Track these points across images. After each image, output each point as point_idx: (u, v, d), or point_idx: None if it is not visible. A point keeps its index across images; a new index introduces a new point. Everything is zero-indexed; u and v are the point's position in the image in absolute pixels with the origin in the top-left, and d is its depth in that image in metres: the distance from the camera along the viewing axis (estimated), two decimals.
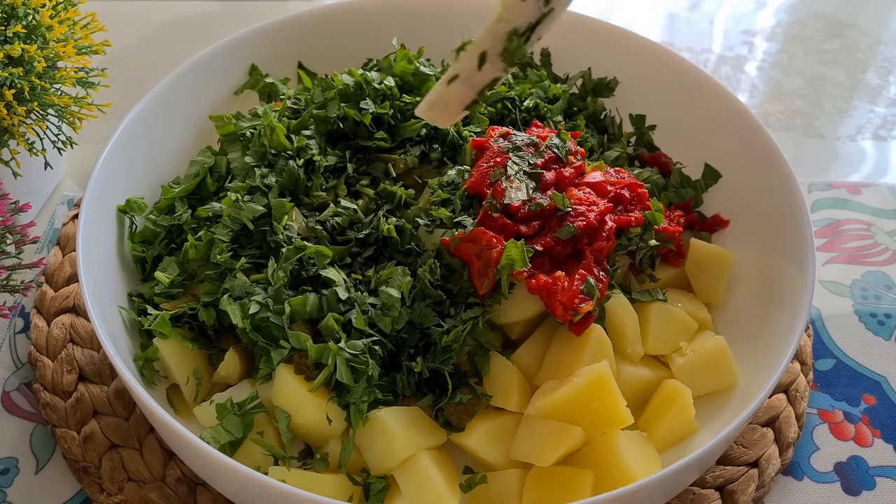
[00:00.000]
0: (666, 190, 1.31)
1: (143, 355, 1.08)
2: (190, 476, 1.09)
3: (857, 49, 1.86)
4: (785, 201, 1.17)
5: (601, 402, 1.00)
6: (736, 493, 1.09)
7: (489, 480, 1.03)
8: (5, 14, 1.19)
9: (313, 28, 1.42)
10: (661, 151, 1.36)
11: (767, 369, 1.03)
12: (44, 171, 1.30)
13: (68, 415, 1.13)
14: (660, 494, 0.99)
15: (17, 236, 1.15)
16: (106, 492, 1.07)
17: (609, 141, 1.37)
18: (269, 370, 1.04)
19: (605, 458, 1.00)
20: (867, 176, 1.57)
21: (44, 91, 1.20)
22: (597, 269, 1.07)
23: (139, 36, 1.78)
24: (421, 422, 1.03)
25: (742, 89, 1.76)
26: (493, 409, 1.07)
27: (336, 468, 1.02)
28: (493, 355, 1.07)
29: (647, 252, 1.17)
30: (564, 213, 1.08)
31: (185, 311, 1.09)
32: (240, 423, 1.01)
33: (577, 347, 1.05)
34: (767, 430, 1.15)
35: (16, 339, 1.24)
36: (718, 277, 1.21)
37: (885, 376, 1.24)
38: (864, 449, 1.16)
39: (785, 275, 1.13)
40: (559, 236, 1.07)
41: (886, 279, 1.36)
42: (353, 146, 1.22)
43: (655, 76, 1.35)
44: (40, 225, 1.39)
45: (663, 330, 1.13)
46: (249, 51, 1.38)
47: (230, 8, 1.88)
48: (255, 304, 1.03)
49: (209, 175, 1.20)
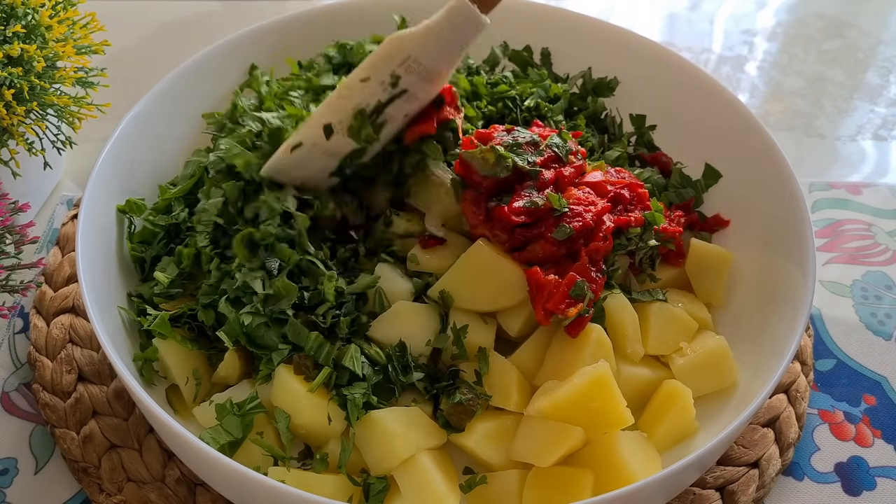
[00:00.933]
0: (666, 190, 1.31)
1: (143, 355, 1.08)
2: (189, 476, 1.09)
3: (858, 49, 1.86)
4: (785, 201, 1.17)
5: (601, 403, 1.00)
6: (736, 493, 1.08)
7: (489, 481, 1.02)
8: (5, 14, 1.19)
9: (313, 28, 1.42)
10: (661, 151, 1.36)
11: (768, 369, 1.03)
12: (43, 171, 1.30)
13: (68, 415, 1.13)
14: (660, 495, 0.98)
15: (17, 236, 1.15)
16: (105, 492, 1.07)
17: (609, 141, 1.37)
18: (270, 371, 1.04)
19: (605, 458, 1.00)
20: (867, 176, 1.57)
21: (43, 91, 1.20)
22: (593, 270, 1.06)
23: (139, 36, 1.78)
24: (421, 422, 1.03)
25: (742, 89, 1.76)
26: (493, 410, 1.07)
27: (336, 468, 1.02)
28: (493, 355, 1.07)
29: (647, 252, 1.17)
30: (561, 213, 1.08)
31: (184, 312, 1.09)
32: (239, 423, 1.01)
33: (576, 348, 1.05)
34: (768, 430, 1.15)
35: (15, 340, 1.24)
36: (719, 277, 1.21)
37: (886, 376, 1.24)
38: (865, 449, 1.16)
39: (785, 275, 1.13)
40: (555, 237, 1.07)
41: (887, 279, 1.36)
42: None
43: (655, 76, 1.35)
44: (40, 225, 1.39)
45: (664, 330, 1.13)
46: (249, 51, 1.38)
47: (230, 8, 1.88)
48: (248, 316, 1.03)
49: (206, 174, 1.20)
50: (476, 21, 1.05)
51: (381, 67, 1.07)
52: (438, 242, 1.12)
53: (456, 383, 1.07)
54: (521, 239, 1.08)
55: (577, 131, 1.28)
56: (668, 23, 1.95)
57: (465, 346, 1.07)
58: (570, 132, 1.23)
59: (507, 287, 1.07)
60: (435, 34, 1.05)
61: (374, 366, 1.05)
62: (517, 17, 1.41)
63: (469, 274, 1.07)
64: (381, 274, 1.10)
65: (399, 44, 1.06)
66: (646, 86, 1.35)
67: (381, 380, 1.04)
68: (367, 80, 1.07)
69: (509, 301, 1.08)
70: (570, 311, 1.03)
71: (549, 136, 1.16)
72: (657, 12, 1.97)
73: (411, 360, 1.06)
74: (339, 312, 1.06)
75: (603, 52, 1.39)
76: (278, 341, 1.03)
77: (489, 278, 1.07)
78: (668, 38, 1.89)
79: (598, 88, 1.40)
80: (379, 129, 1.11)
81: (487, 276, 1.07)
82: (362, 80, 1.08)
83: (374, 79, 1.07)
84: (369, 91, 1.08)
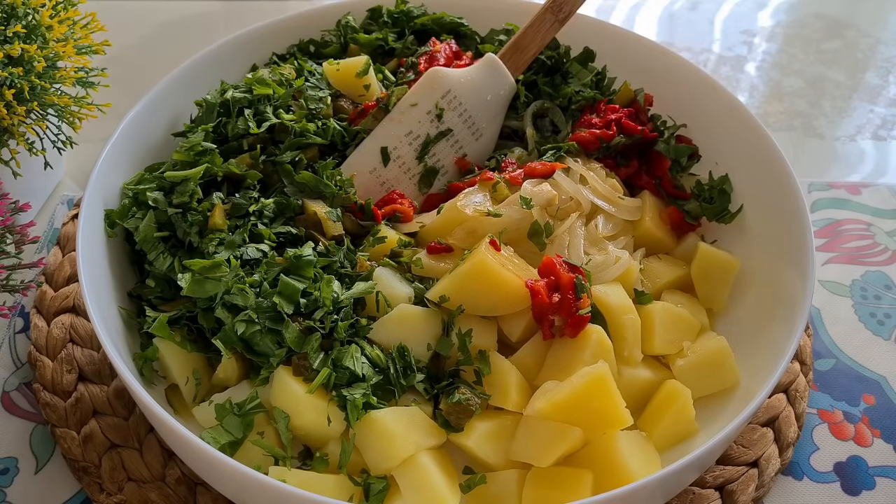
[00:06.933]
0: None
1: (143, 355, 1.08)
2: (190, 476, 1.09)
3: (857, 49, 1.86)
4: (785, 201, 1.17)
5: (600, 403, 1.00)
6: (736, 492, 1.09)
7: (489, 481, 1.03)
8: (5, 14, 1.19)
9: (313, 28, 1.42)
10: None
11: (767, 369, 1.03)
12: (44, 170, 1.30)
13: (68, 415, 1.13)
14: (659, 494, 0.99)
15: (17, 236, 1.15)
16: (106, 491, 1.07)
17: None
18: (269, 374, 1.04)
19: (604, 458, 1.00)
20: (867, 176, 1.57)
21: (44, 91, 1.20)
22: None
23: (139, 36, 1.78)
24: (420, 422, 1.03)
25: (742, 89, 1.76)
26: (493, 410, 1.07)
27: (336, 468, 1.02)
28: (493, 355, 1.07)
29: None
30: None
31: (183, 314, 1.09)
32: (239, 423, 1.01)
33: (577, 348, 1.05)
34: (767, 430, 1.15)
35: (16, 339, 1.24)
36: (723, 284, 1.21)
37: (885, 376, 1.24)
38: (864, 449, 1.16)
39: (785, 275, 1.13)
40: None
41: (886, 279, 1.36)
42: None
43: (655, 76, 1.35)
44: (40, 225, 1.39)
45: (668, 330, 1.13)
46: (249, 51, 1.38)
47: (230, 8, 1.89)
48: (242, 324, 1.03)
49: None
50: (502, 73, 1.28)
51: (426, 95, 1.25)
52: (445, 249, 1.12)
53: (455, 383, 1.07)
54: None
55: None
56: (668, 23, 1.95)
57: (470, 353, 1.07)
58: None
59: (508, 298, 1.07)
60: (469, 76, 1.27)
61: (375, 367, 1.05)
62: (517, 17, 1.41)
63: (470, 282, 1.06)
64: (380, 278, 1.10)
65: (437, 75, 1.25)
66: (645, 86, 1.35)
67: (381, 381, 1.04)
68: (416, 105, 1.25)
69: (510, 310, 1.08)
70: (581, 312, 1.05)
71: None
72: (657, 12, 1.98)
73: (413, 362, 1.06)
74: (338, 317, 1.06)
75: (603, 53, 1.39)
76: (275, 348, 1.03)
77: (491, 288, 1.06)
78: (667, 38, 1.89)
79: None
80: (434, 175, 1.27)
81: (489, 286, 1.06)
82: (412, 105, 1.25)
83: (421, 105, 1.25)
84: (418, 118, 1.25)
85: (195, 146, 1.15)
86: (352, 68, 1.28)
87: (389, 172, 1.24)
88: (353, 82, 1.29)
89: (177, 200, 1.12)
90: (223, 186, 1.16)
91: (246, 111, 1.20)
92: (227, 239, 1.09)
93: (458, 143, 1.27)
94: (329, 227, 1.15)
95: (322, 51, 1.41)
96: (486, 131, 1.29)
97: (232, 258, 1.07)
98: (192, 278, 1.05)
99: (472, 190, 1.18)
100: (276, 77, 1.25)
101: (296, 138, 1.19)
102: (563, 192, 1.17)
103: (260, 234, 1.12)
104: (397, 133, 1.24)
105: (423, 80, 1.26)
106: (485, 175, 1.18)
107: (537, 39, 1.30)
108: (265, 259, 1.09)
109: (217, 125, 1.20)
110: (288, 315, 1.04)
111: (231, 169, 1.15)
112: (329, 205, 1.17)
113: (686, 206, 1.28)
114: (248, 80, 1.24)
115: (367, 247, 1.14)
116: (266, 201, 1.14)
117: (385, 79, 1.34)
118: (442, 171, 1.27)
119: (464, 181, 1.24)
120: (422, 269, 1.11)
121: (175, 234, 1.13)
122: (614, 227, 1.20)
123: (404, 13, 1.42)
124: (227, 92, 1.22)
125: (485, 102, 1.28)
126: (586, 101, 1.32)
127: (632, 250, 1.20)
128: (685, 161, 1.31)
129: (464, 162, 1.28)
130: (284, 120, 1.20)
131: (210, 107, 1.22)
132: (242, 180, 1.16)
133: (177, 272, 1.08)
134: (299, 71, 1.29)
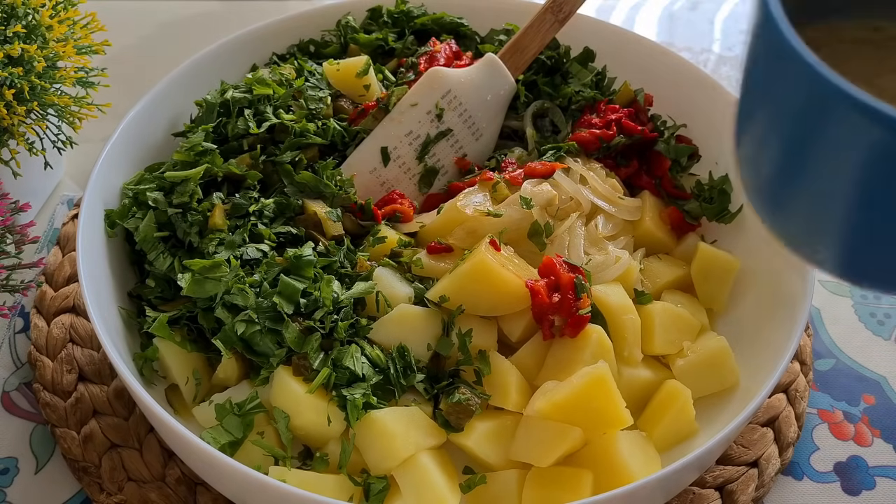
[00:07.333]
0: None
1: (143, 355, 1.08)
2: (190, 476, 1.09)
3: None
4: None
5: (600, 403, 1.00)
6: (735, 492, 1.09)
7: (489, 481, 1.03)
8: (5, 14, 1.19)
9: (313, 28, 1.42)
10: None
11: (767, 369, 1.03)
12: (44, 170, 1.30)
13: (68, 414, 1.13)
14: (659, 494, 0.99)
15: (17, 236, 1.15)
16: (106, 492, 1.07)
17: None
18: (269, 373, 1.04)
19: (604, 458, 1.00)
20: None
21: (44, 91, 1.20)
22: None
23: (139, 36, 1.78)
24: (420, 422, 1.03)
25: None
26: (493, 409, 1.07)
27: (336, 468, 1.02)
28: (493, 355, 1.07)
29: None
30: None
31: (183, 314, 1.09)
32: (239, 423, 1.01)
33: (577, 348, 1.05)
34: (767, 429, 1.15)
35: (16, 339, 1.24)
36: (723, 284, 1.20)
37: (885, 376, 1.24)
38: (864, 449, 1.16)
39: (785, 275, 1.13)
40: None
41: None
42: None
43: (655, 76, 1.35)
44: (40, 225, 1.39)
45: (668, 330, 1.12)
46: (249, 51, 1.38)
47: (230, 8, 1.88)
48: (242, 324, 1.03)
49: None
50: (502, 73, 1.27)
51: (426, 95, 1.24)
52: (445, 249, 1.12)
53: (455, 383, 1.07)
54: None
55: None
56: (668, 23, 1.95)
57: (470, 353, 1.07)
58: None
59: (508, 298, 1.07)
60: (469, 76, 1.27)
61: (375, 367, 1.05)
62: (517, 17, 1.41)
63: (470, 282, 1.06)
64: (380, 278, 1.10)
65: (437, 75, 1.25)
66: (645, 86, 1.35)
67: (381, 381, 1.04)
68: (416, 105, 1.24)
69: (510, 310, 1.08)
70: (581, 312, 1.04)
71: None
72: (657, 12, 1.97)
73: (413, 362, 1.06)
74: (338, 317, 1.06)
75: (602, 53, 1.39)
76: (275, 348, 1.03)
77: (491, 288, 1.06)
78: (667, 38, 1.89)
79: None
80: (434, 175, 1.26)
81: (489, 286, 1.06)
82: (412, 105, 1.24)
83: (421, 105, 1.24)
84: (418, 118, 1.24)
85: (195, 146, 1.15)
86: (352, 68, 1.28)
87: (389, 172, 1.24)
88: (353, 82, 1.29)
89: (177, 200, 1.12)
90: (223, 186, 1.16)
91: (246, 111, 1.20)
92: (227, 239, 1.09)
93: (458, 143, 1.27)
94: (329, 227, 1.15)
95: (322, 51, 1.41)
96: (486, 131, 1.29)
97: (232, 258, 1.07)
98: (192, 278, 1.05)
99: (472, 190, 1.18)
100: (276, 77, 1.25)
101: (296, 138, 1.19)
102: (563, 192, 1.17)
103: (260, 234, 1.12)
104: (397, 133, 1.24)
105: (423, 80, 1.25)
106: (485, 175, 1.18)
107: (537, 39, 1.29)
108: (265, 259, 1.09)
109: (217, 125, 1.20)
110: (288, 315, 1.04)
111: (231, 169, 1.15)
112: (329, 205, 1.17)
113: (686, 206, 1.28)
114: (248, 80, 1.24)
115: (367, 247, 1.14)
116: (266, 201, 1.14)
117: (385, 79, 1.34)
118: (442, 171, 1.27)
119: (464, 181, 1.24)
120: (422, 269, 1.11)
121: (175, 234, 1.13)
122: (614, 227, 1.20)
123: (404, 13, 1.42)
124: (227, 92, 1.22)
125: (485, 102, 1.28)
126: (586, 101, 1.32)
127: (632, 250, 1.20)
128: (685, 161, 1.31)
129: (464, 162, 1.28)
130: (284, 120, 1.20)
131: (210, 107, 1.22)
132: (242, 180, 1.16)
133: (177, 272, 1.08)
134: (299, 71, 1.29)
